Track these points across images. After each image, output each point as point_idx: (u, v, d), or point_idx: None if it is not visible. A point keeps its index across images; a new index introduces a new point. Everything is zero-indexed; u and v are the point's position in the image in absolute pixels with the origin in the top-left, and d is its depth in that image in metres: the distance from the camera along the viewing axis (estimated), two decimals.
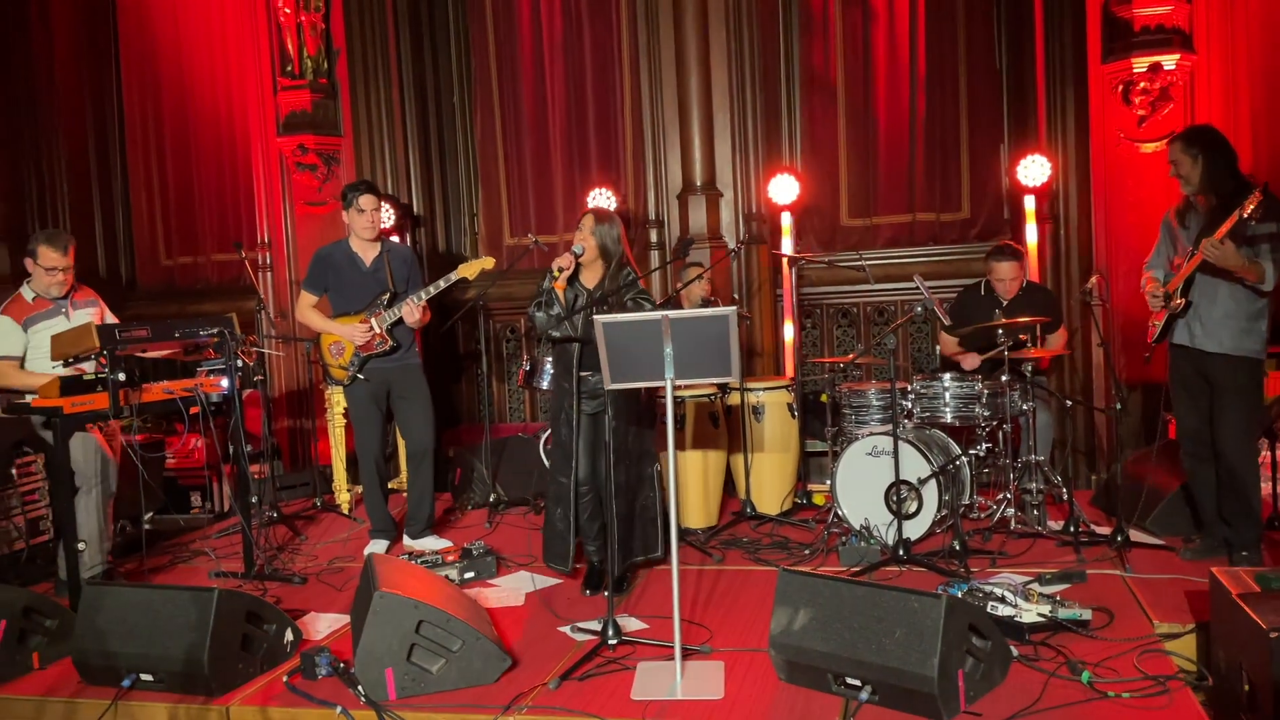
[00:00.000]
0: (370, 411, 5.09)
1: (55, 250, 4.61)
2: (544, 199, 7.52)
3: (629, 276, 4.23)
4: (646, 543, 4.39)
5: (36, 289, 4.66)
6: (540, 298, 4.22)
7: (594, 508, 4.35)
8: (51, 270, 4.61)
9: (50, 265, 4.61)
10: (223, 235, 7.91)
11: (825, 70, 6.97)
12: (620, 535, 4.22)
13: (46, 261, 4.60)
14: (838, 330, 7.02)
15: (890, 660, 2.98)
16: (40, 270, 4.61)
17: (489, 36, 7.55)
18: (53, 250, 4.60)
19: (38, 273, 4.63)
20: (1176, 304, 4.11)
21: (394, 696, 3.29)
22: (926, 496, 4.72)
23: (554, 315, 4.20)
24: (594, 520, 4.35)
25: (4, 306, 4.64)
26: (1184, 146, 4.10)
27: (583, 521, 4.38)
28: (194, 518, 6.21)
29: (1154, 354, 4.38)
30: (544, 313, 4.22)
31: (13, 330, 4.57)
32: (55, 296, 4.68)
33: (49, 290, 4.65)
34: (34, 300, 4.65)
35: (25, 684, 3.69)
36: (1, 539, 4.85)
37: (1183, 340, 4.18)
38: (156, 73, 8.03)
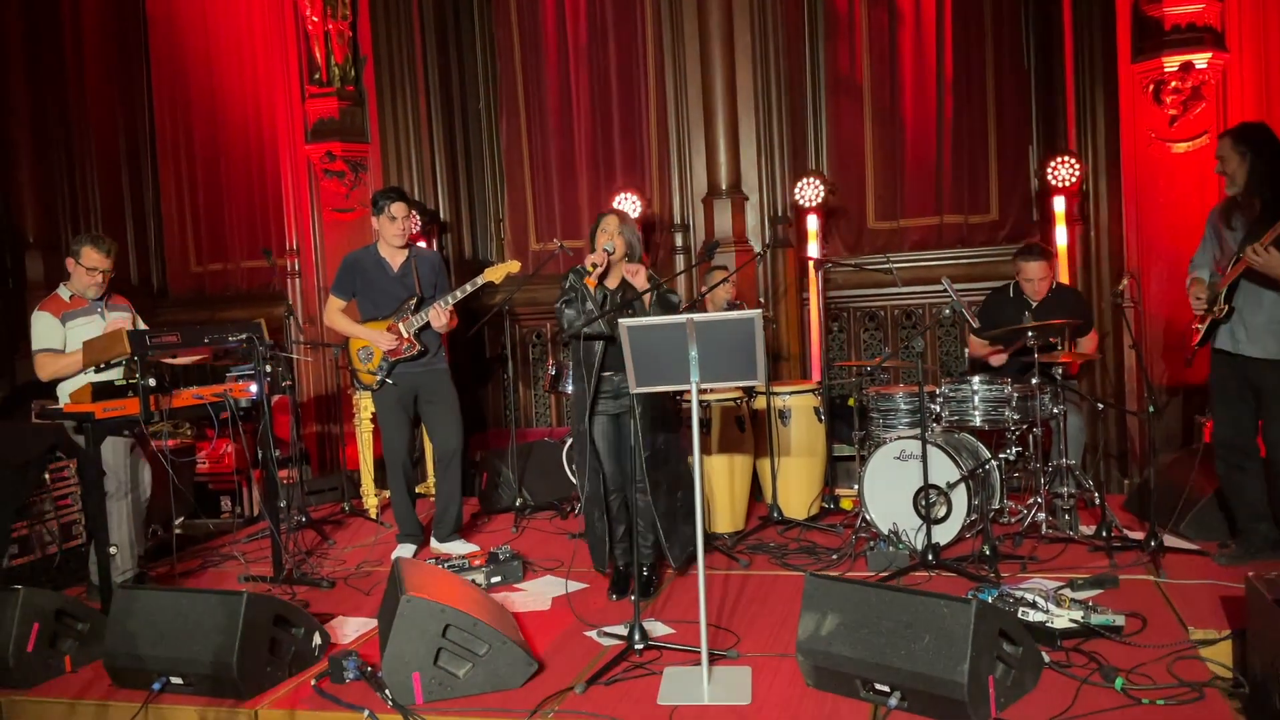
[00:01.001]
0: (398, 416, 5.12)
1: (99, 252, 4.68)
2: (569, 204, 7.53)
3: (651, 278, 4.24)
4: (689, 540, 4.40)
5: (74, 289, 4.72)
6: (567, 295, 4.23)
7: (619, 510, 4.35)
8: (92, 271, 4.67)
9: (92, 266, 4.67)
10: (252, 242, 7.99)
11: (851, 73, 6.94)
12: (665, 530, 4.24)
13: (89, 262, 4.66)
14: (865, 334, 6.97)
15: (919, 666, 2.95)
16: (81, 270, 4.67)
17: (514, 42, 7.58)
18: (96, 251, 4.68)
19: (78, 273, 4.68)
20: (1220, 309, 4.05)
21: (421, 701, 3.30)
22: (956, 501, 4.68)
23: (586, 311, 4.22)
24: (619, 523, 4.35)
25: (42, 304, 4.72)
26: (1233, 143, 4.03)
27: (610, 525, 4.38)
28: (223, 522, 6.27)
29: (1195, 358, 4.31)
30: (574, 309, 4.23)
31: (53, 325, 4.63)
32: (91, 298, 4.74)
33: (86, 291, 4.71)
34: (70, 299, 4.71)
35: (57, 686, 3.72)
36: (35, 543, 4.91)
37: (1225, 345, 4.11)
38: (187, 82, 8.12)
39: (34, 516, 4.91)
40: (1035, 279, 5.27)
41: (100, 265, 4.68)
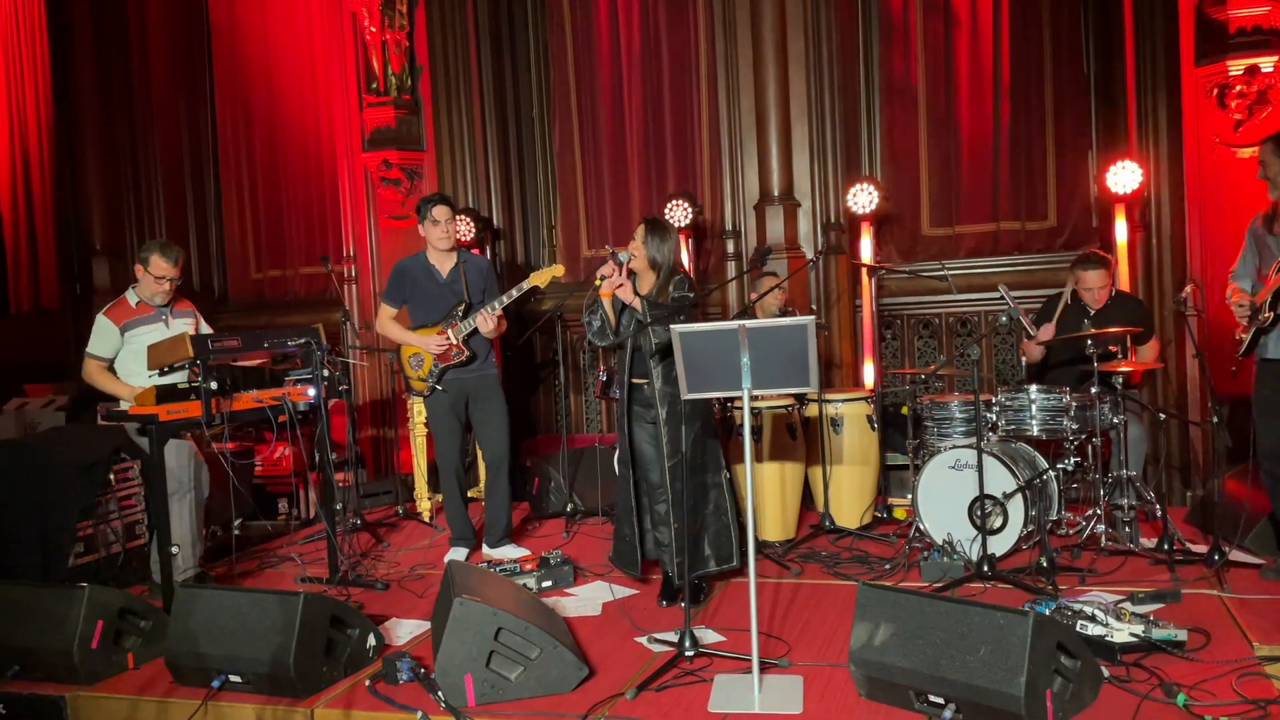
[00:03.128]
0: (449, 421, 5.17)
1: (167, 260, 4.79)
2: (621, 210, 7.56)
3: (682, 284, 4.19)
4: (720, 552, 4.33)
5: (141, 295, 4.85)
6: (588, 302, 4.27)
7: (663, 515, 4.32)
8: (160, 279, 4.79)
9: (160, 274, 4.78)
10: (310, 249, 8.13)
11: (906, 78, 6.88)
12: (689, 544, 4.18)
13: (157, 270, 4.78)
14: (918, 341, 6.90)
15: (975, 678, 2.91)
16: (149, 278, 4.79)
17: (568, 50, 7.63)
18: (164, 260, 4.79)
19: (146, 279, 4.80)
20: (1265, 318, 3.95)
21: (473, 703, 3.33)
22: (1012, 511, 4.60)
23: (600, 320, 4.25)
24: (664, 528, 4.32)
25: (107, 308, 4.85)
26: (1274, 148, 3.94)
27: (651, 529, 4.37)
28: (281, 524, 6.37)
29: (1240, 367, 4.21)
30: (597, 317, 4.27)
31: (109, 332, 4.75)
32: (158, 304, 4.85)
33: (153, 298, 4.83)
34: (137, 305, 4.83)
35: (120, 683, 3.81)
36: (100, 542, 5.03)
37: (1270, 354, 4.01)
38: (248, 92, 8.30)
39: (99, 516, 5.04)
40: (1095, 288, 5.16)
41: (168, 273, 4.80)
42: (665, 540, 4.26)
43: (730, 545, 4.33)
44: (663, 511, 4.25)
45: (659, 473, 4.24)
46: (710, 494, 4.29)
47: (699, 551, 4.25)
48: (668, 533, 4.23)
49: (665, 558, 4.36)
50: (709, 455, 4.31)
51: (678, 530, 4.16)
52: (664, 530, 4.26)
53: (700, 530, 4.27)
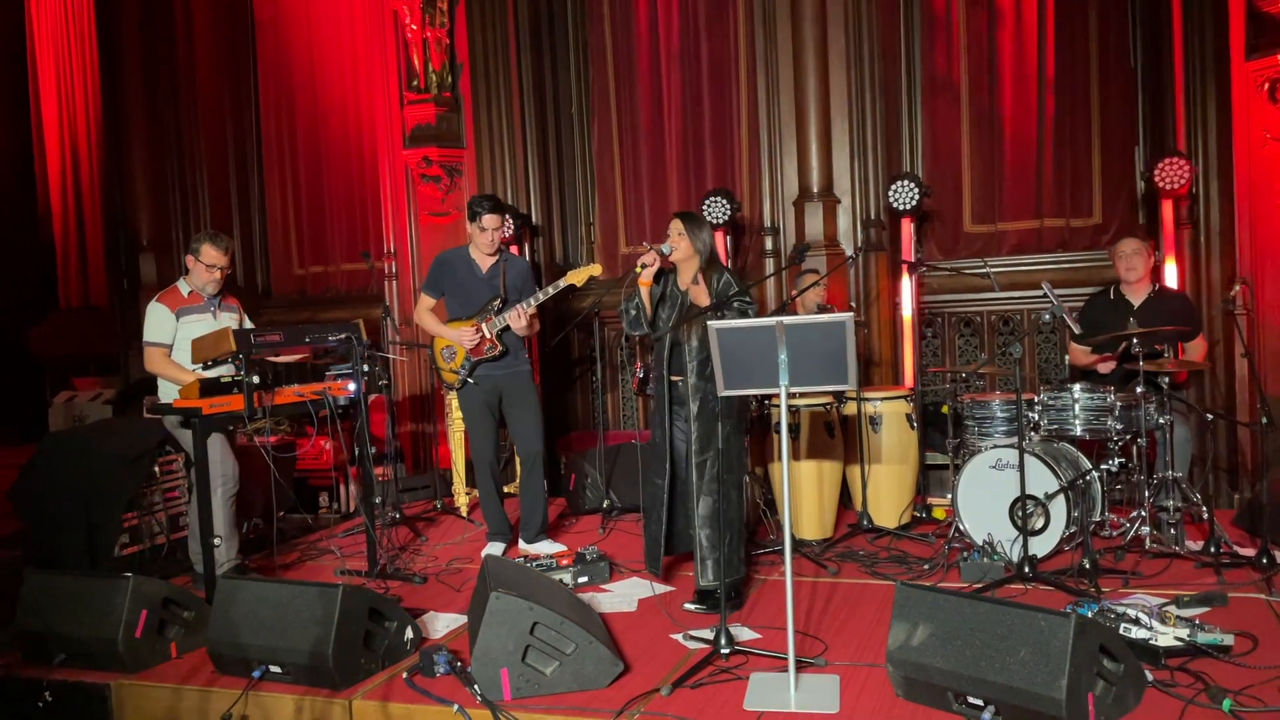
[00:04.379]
0: (483, 417, 5.20)
1: (218, 249, 4.88)
2: (659, 208, 7.55)
3: (723, 279, 4.16)
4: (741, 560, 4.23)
5: (192, 284, 4.92)
6: (625, 294, 4.27)
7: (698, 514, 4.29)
8: (211, 268, 4.87)
9: (211, 263, 4.86)
10: (351, 245, 8.21)
11: (948, 73, 6.81)
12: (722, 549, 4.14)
13: (208, 259, 4.86)
14: (959, 339, 6.82)
15: (1015, 680, 2.87)
16: (201, 267, 4.86)
17: (607, 48, 7.63)
18: (215, 249, 4.88)
19: (198, 269, 4.87)
20: None
21: (509, 697, 3.34)
22: (1054, 512, 4.54)
23: (636, 310, 4.26)
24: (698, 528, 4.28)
25: (160, 295, 4.93)
26: None
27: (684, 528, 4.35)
28: (321, 517, 6.45)
29: None
30: (632, 307, 4.27)
31: (167, 318, 4.83)
32: (209, 294, 4.92)
33: (204, 287, 4.90)
34: (188, 294, 4.91)
35: (163, 672, 3.88)
36: (144, 533, 5.12)
37: None
38: (291, 90, 8.39)
39: (144, 508, 5.13)
40: (1128, 253, 5.09)
41: (219, 262, 4.88)
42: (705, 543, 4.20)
43: (742, 553, 4.26)
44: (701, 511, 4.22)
45: (688, 470, 4.22)
46: (732, 495, 4.21)
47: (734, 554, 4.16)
48: (703, 534, 4.19)
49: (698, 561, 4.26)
50: (734, 457, 4.22)
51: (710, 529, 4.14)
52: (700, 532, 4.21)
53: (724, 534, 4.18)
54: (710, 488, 4.14)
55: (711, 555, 4.16)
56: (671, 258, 4.24)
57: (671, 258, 4.24)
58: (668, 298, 4.31)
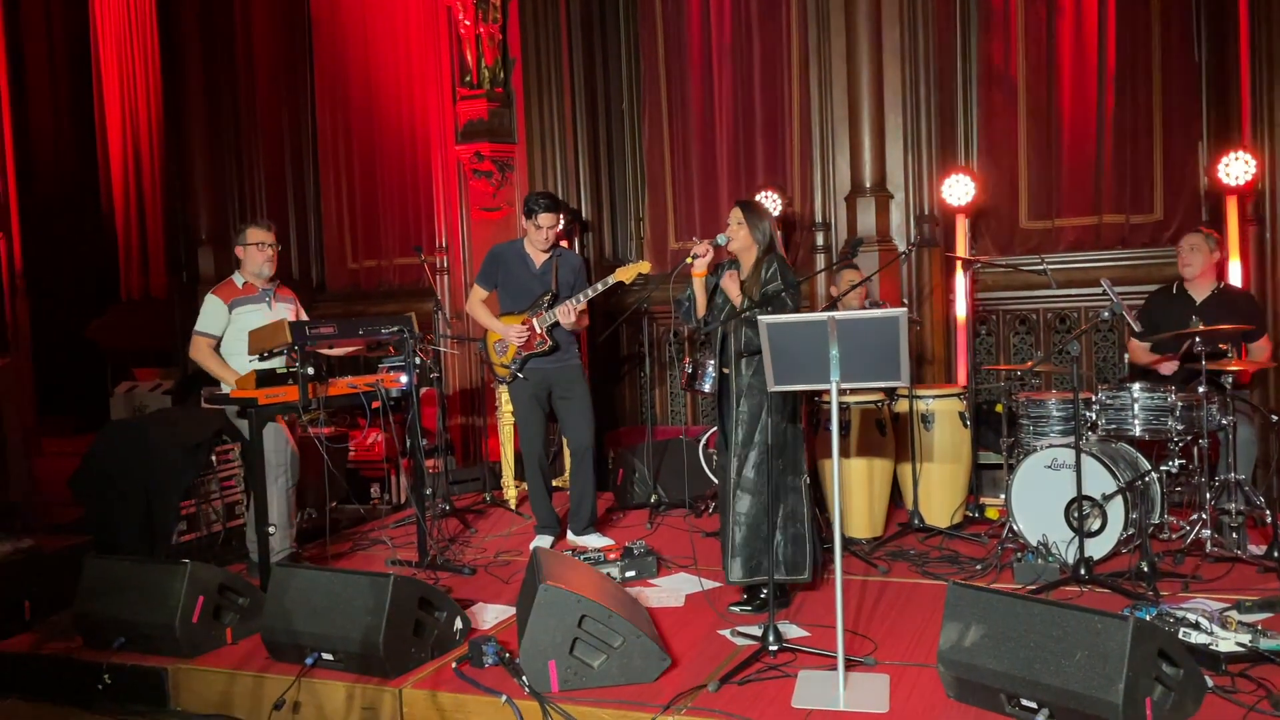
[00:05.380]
0: (533, 410, 5.22)
1: (261, 228, 4.99)
2: (709, 203, 7.53)
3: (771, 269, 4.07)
4: (791, 560, 4.08)
5: (247, 275, 5.00)
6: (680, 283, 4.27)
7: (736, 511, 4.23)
8: (261, 245, 4.94)
9: (259, 240, 4.94)
10: (404, 240, 8.29)
11: (1005, 67, 6.69)
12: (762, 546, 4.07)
13: (255, 238, 4.94)
14: (1014, 337, 6.72)
15: (1070, 683, 2.82)
16: (253, 250, 4.94)
17: (659, 43, 7.62)
18: (258, 229, 4.98)
19: (250, 253, 4.95)
20: None
21: (556, 689, 3.35)
22: (1111, 514, 4.45)
23: (688, 301, 4.24)
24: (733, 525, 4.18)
25: (215, 288, 5.03)
26: None
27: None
28: (373, 508, 6.53)
29: None
30: (682, 297, 4.25)
31: (219, 310, 4.91)
32: (266, 276, 4.98)
33: (261, 269, 4.96)
34: (243, 286, 4.99)
35: (219, 657, 3.95)
36: (201, 521, 5.22)
37: None
38: (346, 88, 8.49)
39: (201, 496, 5.23)
40: (1185, 249, 5.02)
41: (266, 239, 4.96)
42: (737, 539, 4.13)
43: (804, 555, 4.10)
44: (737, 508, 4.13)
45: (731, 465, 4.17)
46: (788, 497, 4.09)
47: (770, 555, 4.01)
48: (737, 531, 4.12)
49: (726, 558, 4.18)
50: (788, 456, 4.11)
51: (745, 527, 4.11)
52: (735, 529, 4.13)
53: (771, 533, 4.07)
54: (749, 484, 4.09)
55: (742, 552, 4.09)
56: (729, 248, 4.19)
57: (729, 248, 4.19)
58: (722, 289, 4.25)
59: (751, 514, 4.09)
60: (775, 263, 4.12)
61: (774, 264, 4.11)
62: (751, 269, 4.16)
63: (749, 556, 4.09)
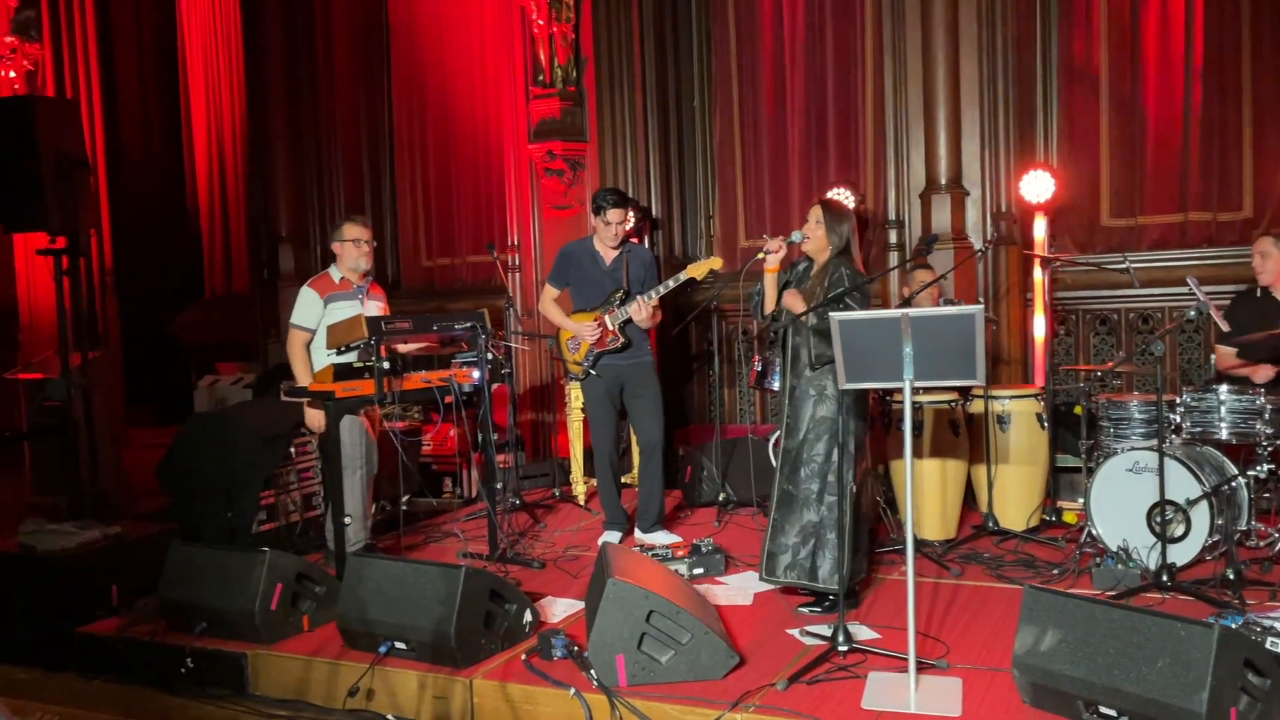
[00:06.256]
0: (604, 407, 5.25)
1: (357, 225, 5.07)
2: (780, 200, 7.48)
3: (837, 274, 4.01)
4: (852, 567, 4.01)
5: (343, 269, 5.09)
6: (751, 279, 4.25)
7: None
8: (357, 241, 5.02)
9: (355, 237, 5.02)
10: (477, 238, 8.39)
11: (1087, 60, 6.53)
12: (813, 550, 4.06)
13: (352, 234, 5.02)
14: (1094, 338, 6.55)
15: (1151, 691, 2.74)
16: (349, 246, 5.02)
17: (730, 40, 7.60)
18: (355, 225, 5.06)
19: (346, 249, 5.03)
20: None
21: (624, 683, 3.37)
22: (1196, 519, 4.31)
23: (759, 296, 4.21)
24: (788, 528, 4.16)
25: (311, 281, 5.10)
26: None
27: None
28: (445, 501, 6.63)
29: None
30: (753, 292, 4.24)
31: (314, 303, 4.98)
32: (362, 270, 5.07)
33: (358, 264, 5.05)
34: (339, 281, 5.08)
35: (296, 643, 4.04)
36: (280, 511, 5.36)
37: None
38: (423, 90, 8.63)
39: (280, 487, 5.36)
40: (1258, 253, 4.84)
41: (363, 235, 5.04)
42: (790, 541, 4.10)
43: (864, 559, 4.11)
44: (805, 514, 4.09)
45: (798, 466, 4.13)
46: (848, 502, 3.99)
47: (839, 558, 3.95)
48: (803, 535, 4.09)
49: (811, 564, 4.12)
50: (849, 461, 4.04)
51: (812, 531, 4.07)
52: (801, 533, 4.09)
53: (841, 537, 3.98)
54: (814, 488, 4.05)
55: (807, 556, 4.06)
56: (803, 246, 4.16)
57: (803, 246, 4.16)
58: (793, 284, 4.22)
59: (818, 519, 4.05)
60: (843, 267, 4.06)
61: (840, 268, 4.06)
62: (819, 270, 4.13)
63: (813, 561, 4.05)
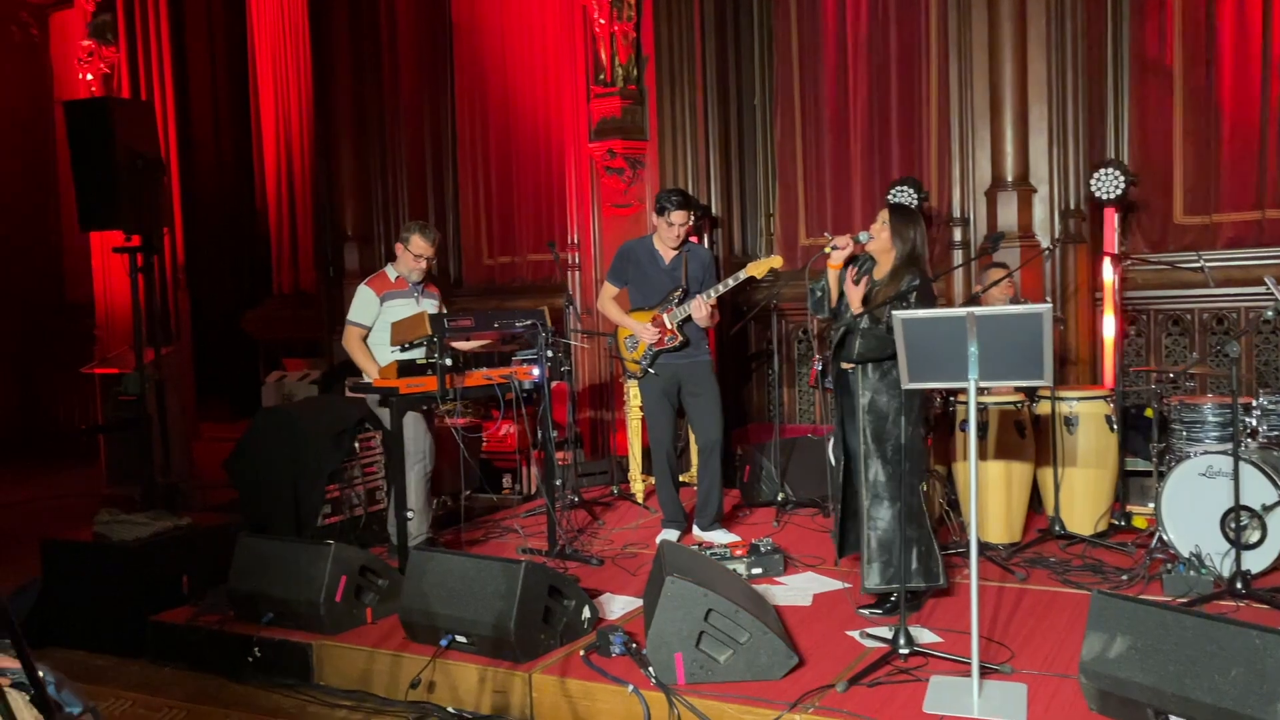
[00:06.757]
0: (662, 405, 5.25)
1: (425, 240, 5.16)
2: (841, 199, 7.41)
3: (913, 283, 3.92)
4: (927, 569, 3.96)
5: (399, 270, 5.20)
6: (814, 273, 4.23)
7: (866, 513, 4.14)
8: (419, 257, 5.13)
9: (419, 253, 5.13)
10: (537, 236, 8.45)
11: (1160, 54, 6.36)
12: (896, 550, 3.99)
13: (416, 249, 5.13)
14: (1166, 338, 6.38)
15: (1224, 701, 2.67)
16: (409, 255, 5.13)
17: (792, 38, 7.54)
18: (424, 240, 5.15)
19: (405, 257, 5.15)
20: None
21: (683, 681, 3.37)
22: (1272, 526, 4.18)
23: (821, 292, 4.19)
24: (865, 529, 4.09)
25: (368, 280, 5.24)
26: None
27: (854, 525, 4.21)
28: (505, 497, 6.69)
29: None
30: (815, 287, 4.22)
31: (371, 301, 5.12)
32: (413, 281, 5.18)
33: (410, 274, 5.17)
34: (395, 280, 5.18)
35: (359, 635, 4.12)
36: (345, 505, 5.45)
37: None
38: (485, 90, 8.71)
39: (344, 481, 5.45)
40: None
41: (425, 252, 5.14)
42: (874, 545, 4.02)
43: (936, 561, 4.01)
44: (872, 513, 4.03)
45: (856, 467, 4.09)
46: (914, 501, 3.99)
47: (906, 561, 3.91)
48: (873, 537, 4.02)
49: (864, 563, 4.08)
50: (915, 460, 4.03)
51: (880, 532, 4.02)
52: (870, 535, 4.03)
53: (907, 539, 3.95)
54: (881, 489, 4.00)
55: (879, 558, 4.00)
56: (868, 246, 4.12)
57: (868, 246, 4.12)
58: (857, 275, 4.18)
59: (886, 519, 3.99)
60: (909, 276, 3.94)
61: (905, 276, 3.94)
62: (889, 275, 4.05)
63: (886, 563, 3.99)
